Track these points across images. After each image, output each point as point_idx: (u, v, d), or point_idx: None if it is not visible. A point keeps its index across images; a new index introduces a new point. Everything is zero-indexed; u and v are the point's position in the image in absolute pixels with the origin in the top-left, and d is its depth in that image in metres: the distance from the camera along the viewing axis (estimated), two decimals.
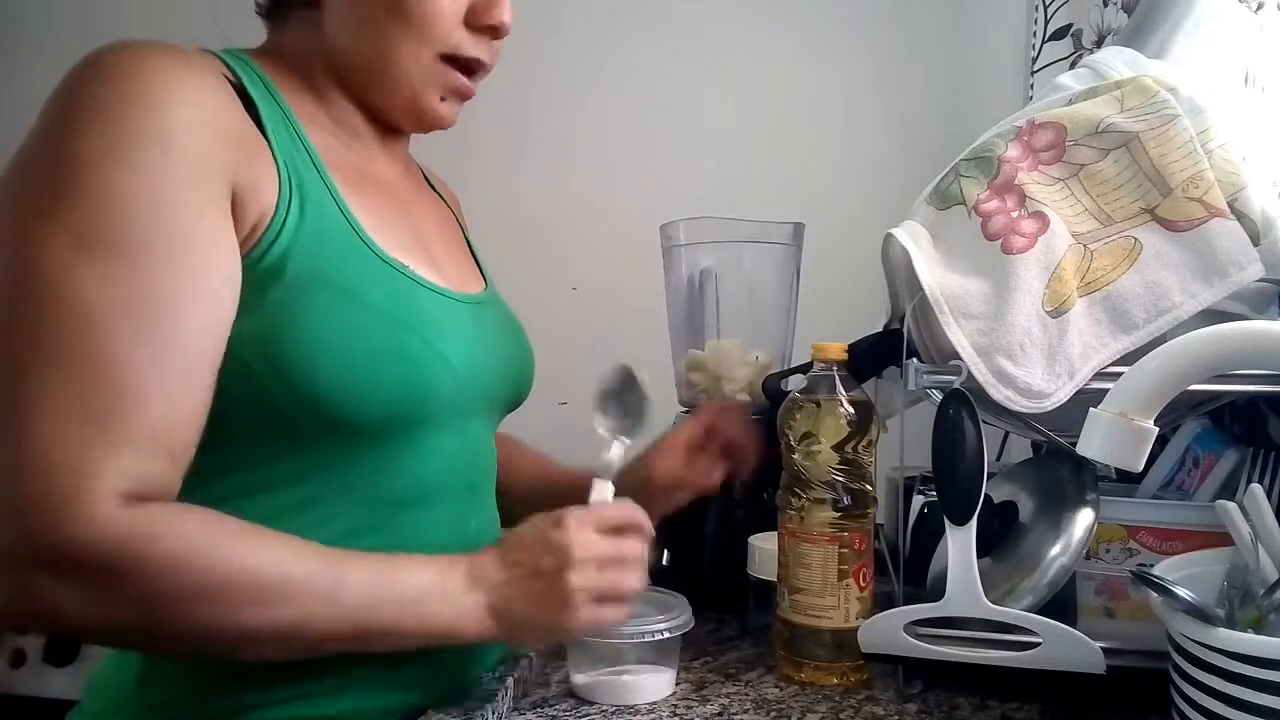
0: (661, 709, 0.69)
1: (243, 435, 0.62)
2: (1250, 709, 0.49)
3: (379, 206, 0.69)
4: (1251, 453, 0.76)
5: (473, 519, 0.72)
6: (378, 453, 0.65)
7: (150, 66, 0.58)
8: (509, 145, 1.50)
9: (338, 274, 0.62)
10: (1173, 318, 0.64)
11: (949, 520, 0.66)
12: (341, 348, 0.61)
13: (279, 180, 0.61)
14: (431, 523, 0.67)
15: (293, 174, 0.62)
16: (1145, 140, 0.69)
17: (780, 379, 0.91)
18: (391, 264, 0.65)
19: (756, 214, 1.00)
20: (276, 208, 0.61)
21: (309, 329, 0.60)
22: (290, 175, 0.62)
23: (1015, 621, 0.64)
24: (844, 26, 1.54)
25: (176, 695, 0.64)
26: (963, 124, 1.44)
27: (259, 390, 0.60)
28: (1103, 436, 0.55)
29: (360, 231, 0.64)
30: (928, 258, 0.71)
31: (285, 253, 0.60)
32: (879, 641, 0.69)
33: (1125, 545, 0.73)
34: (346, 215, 0.64)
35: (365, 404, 0.62)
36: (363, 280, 0.63)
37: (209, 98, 0.60)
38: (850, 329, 0.90)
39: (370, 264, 0.64)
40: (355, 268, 0.63)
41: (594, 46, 1.58)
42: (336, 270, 0.62)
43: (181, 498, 0.57)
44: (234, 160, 0.59)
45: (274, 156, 0.62)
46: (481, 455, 0.75)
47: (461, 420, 0.70)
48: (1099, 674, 0.63)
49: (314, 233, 0.62)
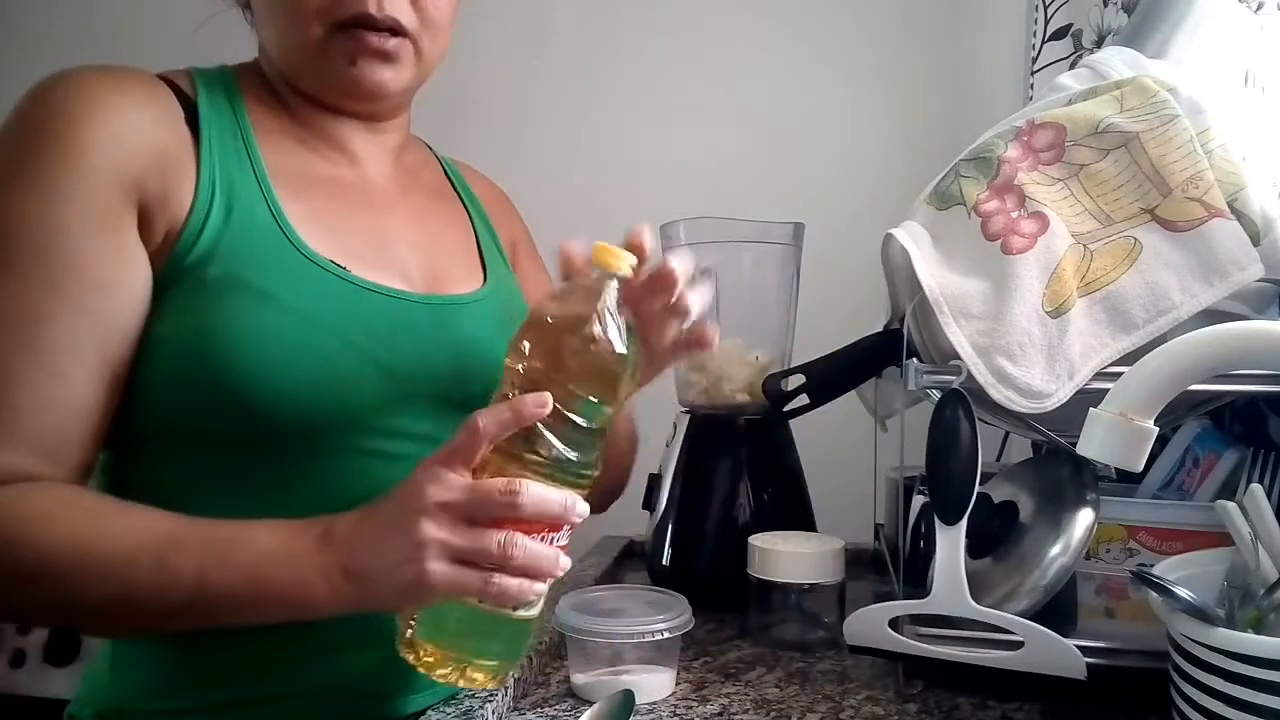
0: (661, 709, 0.69)
1: (176, 442, 0.65)
2: (1250, 709, 0.49)
3: (327, 210, 0.70)
4: (1251, 453, 0.76)
5: None
6: (316, 460, 0.65)
7: (76, 92, 0.62)
8: (509, 145, 1.50)
9: (258, 277, 0.63)
10: (1173, 318, 0.64)
11: (939, 519, 0.66)
12: (258, 350, 0.62)
13: (196, 189, 0.64)
14: None
15: (220, 182, 0.65)
16: (1145, 140, 0.69)
17: (780, 379, 0.92)
18: (321, 264, 0.66)
19: (756, 214, 1.00)
20: (191, 214, 0.63)
21: (227, 331, 0.62)
22: (216, 184, 0.65)
23: (997, 623, 0.64)
24: (844, 26, 1.54)
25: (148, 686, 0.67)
26: (963, 124, 1.44)
27: (183, 396, 0.63)
28: (1103, 436, 0.55)
29: (290, 233, 0.66)
30: (928, 258, 0.71)
31: (206, 255, 0.63)
32: (864, 635, 0.69)
33: (1125, 545, 0.73)
34: (279, 219, 0.66)
35: (286, 408, 0.63)
36: (284, 282, 0.64)
37: (126, 117, 0.63)
38: (850, 329, 0.90)
39: (295, 266, 0.65)
40: (277, 270, 0.64)
41: (594, 46, 1.58)
42: (257, 273, 0.63)
43: None
44: (141, 171, 0.62)
45: (197, 167, 0.65)
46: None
47: (409, 422, 0.68)
48: (1080, 679, 0.63)
49: (239, 236, 0.64)
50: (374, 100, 0.73)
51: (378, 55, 0.69)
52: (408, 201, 0.79)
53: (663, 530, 0.98)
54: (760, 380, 0.95)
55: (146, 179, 0.63)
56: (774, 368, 1.01)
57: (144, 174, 0.62)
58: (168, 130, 0.65)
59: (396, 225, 0.75)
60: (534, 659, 0.74)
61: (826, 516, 0.99)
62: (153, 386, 0.64)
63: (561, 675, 0.74)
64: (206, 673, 0.66)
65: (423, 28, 0.71)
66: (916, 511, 0.87)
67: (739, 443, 0.97)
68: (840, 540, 0.85)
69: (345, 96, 0.72)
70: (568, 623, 0.70)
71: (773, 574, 0.82)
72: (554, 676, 0.75)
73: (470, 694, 0.65)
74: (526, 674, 0.72)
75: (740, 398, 1.00)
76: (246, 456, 0.64)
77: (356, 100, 0.73)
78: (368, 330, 0.66)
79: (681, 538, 0.97)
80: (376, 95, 0.72)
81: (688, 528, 0.97)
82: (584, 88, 1.56)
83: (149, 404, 0.64)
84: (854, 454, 1.05)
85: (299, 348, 0.63)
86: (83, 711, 0.70)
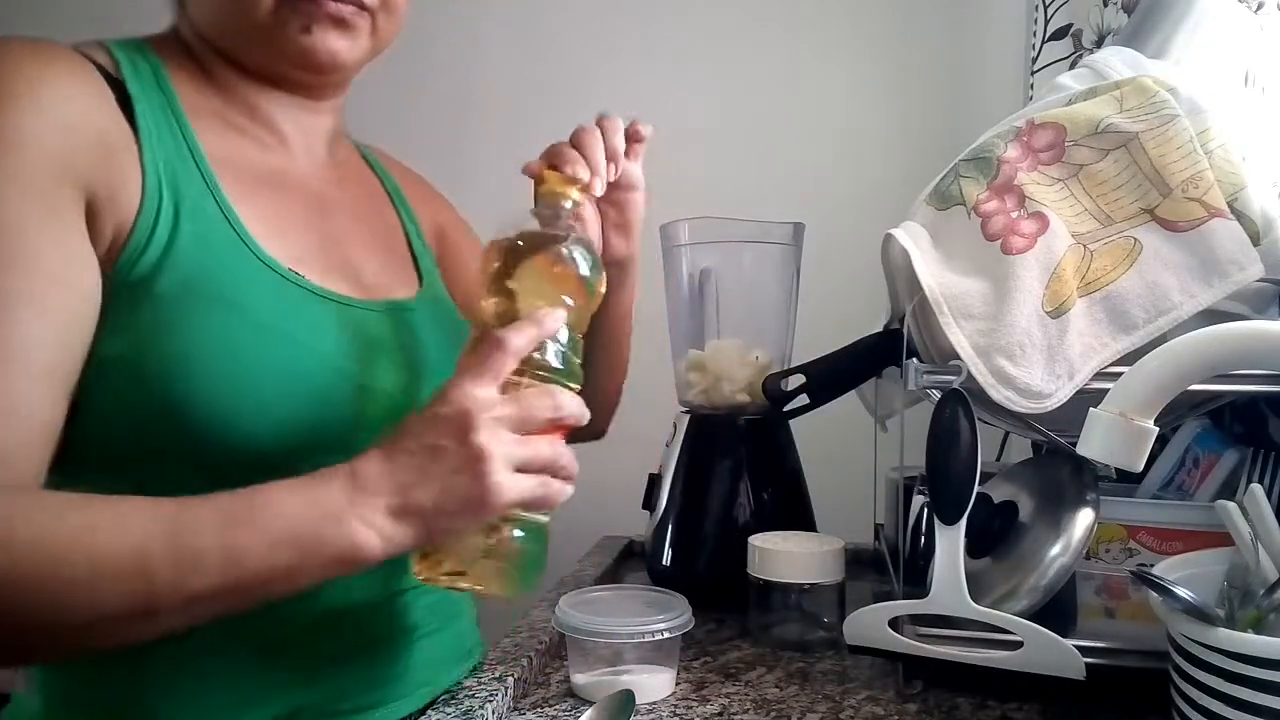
0: (661, 709, 0.69)
1: (131, 468, 0.58)
2: (1250, 709, 0.49)
3: (275, 209, 0.65)
4: (1251, 453, 0.76)
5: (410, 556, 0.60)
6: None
7: (4, 66, 0.56)
8: (509, 146, 1.50)
9: (217, 285, 0.58)
10: (1173, 318, 0.64)
11: (938, 519, 0.66)
12: (225, 366, 0.57)
13: (143, 186, 0.58)
14: None
15: (166, 177, 0.59)
16: (1145, 140, 0.69)
17: (780, 379, 0.92)
18: (281, 272, 0.62)
19: (756, 214, 1.00)
20: (140, 215, 0.57)
21: (186, 346, 0.56)
22: (162, 179, 0.59)
23: (996, 623, 0.64)
24: (844, 26, 1.54)
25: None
26: (963, 124, 1.44)
27: (136, 419, 0.57)
28: (1103, 436, 0.55)
29: (246, 238, 0.61)
30: (927, 258, 0.71)
31: (156, 264, 0.57)
32: (864, 635, 0.69)
33: (1125, 545, 0.73)
34: (231, 220, 0.61)
35: (258, 431, 0.58)
36: (248, 292, 0.59)
37: (65, 99, 0.56)
38: (850, 329, 0.90)
39: (257, 274, 0.60)
40: (238, 278, 0.59)
41: (595, 47, 1.58)
42: (216, 281, 0.58)
43: None
44: (88, 164, 0.56)
45: (141, 160, 0.58)
46: None
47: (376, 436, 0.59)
48: (1079, 679, 0.63)
49: (190, 240, 0.58)
50: (326, 72, 0.69)
51: (334, 22, 0.66)
52: (346, 198, 0.75)
53: (663, 530, 0.98)
54: (760, 380, 0.95)
55: (93, 172, 0.56)
56: (774, 368, 1.01)
57: (90, 166, 0.56)
58: (107, 116, 0.58)
59: (342, 226, 0.72)
60: (534, 659, 0.74)
61: (826, 516, 0.99)
62: (97, 411, 0.57)
63: (561, 675, 0.74)
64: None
65: (380, 3, 0.68)
66: (916, 511, 0.87)
67: (739, 443, 0.97)
68: (840, 540, 0.85)
69: (295, 67, 0.67)
70: (568, 623, 0.70)
71: (773, 574, 0.82)
72: (554, 676, 0.75)
73: (470, 694, 0.65)
74: (526, 674, 0.72)
75: (740, 398, 1.00)
76: (213, 484, 0.54)
77: (308, 71, 0.68)
78: (335, 342, 0.63)
79: (681, 538, 0.97)
80: (329, 66, 0.67)
81: (688, 528, 0.97)
82: (584, 87, 1.56)
83: (94, 428, 0.57)
84: (854, 454, 1.05)
85: (274, 366, 0.59)
86: None
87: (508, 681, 0.68)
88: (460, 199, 1.03)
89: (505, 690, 0.67)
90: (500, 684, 0.67)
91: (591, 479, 1.49)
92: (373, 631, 0.68)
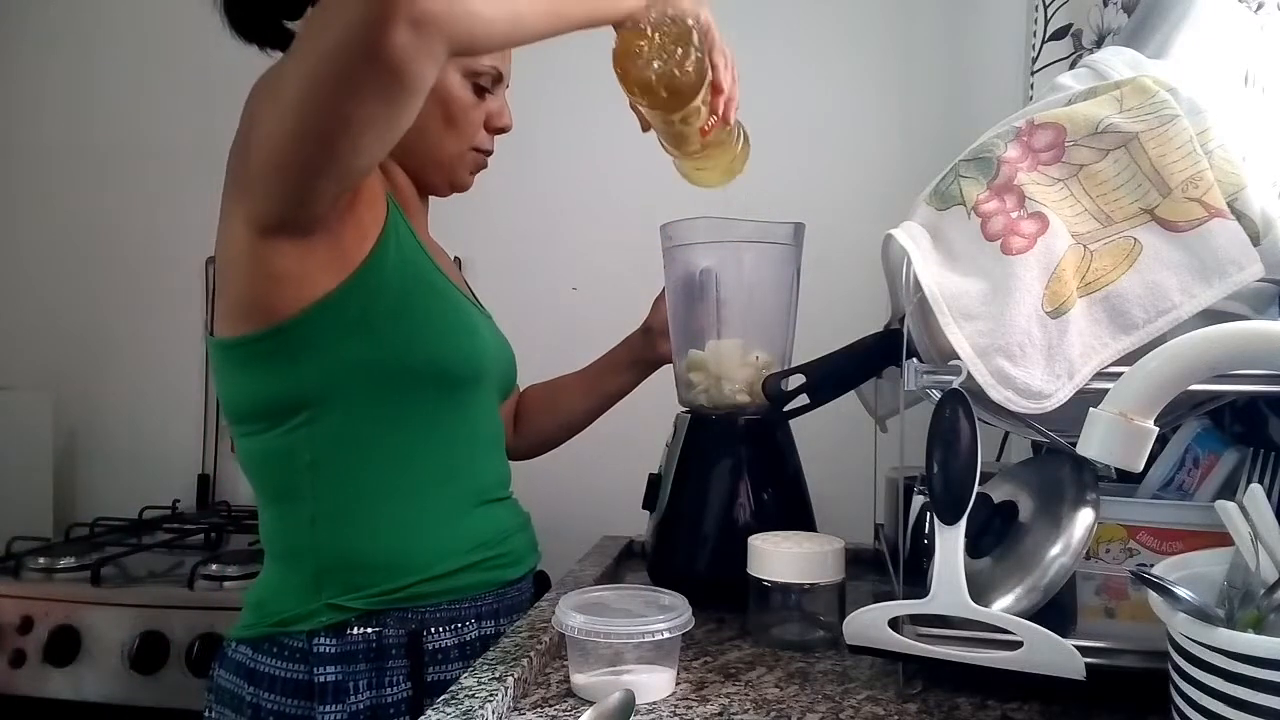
0: (661, 709, 0.69)
1: (361, 392, 0.85)
2: (1250, 709, 0.49)
3: (430, 246, 0.97)
4: (1251, 453, 0.76)
5: (502, 466, 0.99)
6: (454, 402, 0.90)
7: None
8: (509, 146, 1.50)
9: (430, 279, 0.91)
10: (1173, 318, 0.64)
11: (938, 520, 0.66)
12: (449, 319, 0.91)
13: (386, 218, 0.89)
14: (485, 462, 0.95)
15: (389, 215, 0.89)
16: (1145, 140, 0.69)
17: (780, 379, 0.92)
18: (450, 280, 0.95)
19: (756, 214, 1.00)
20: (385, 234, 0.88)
21: (424, 311, 0.88)
22: (390, 215, 0.89)
23: (997, 623, 0.64)
24: (845, 27, 1.54)
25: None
26: (963, 124, 1.44)
27: (381, 356, 0.84)
28: (1103, 436, 0.55)
29: (430, 258, 0.93)
30: (927, 258, 0.71)
31: (395, 263, 0.88)
32: (864, 635, 0.69)
33: (1125, 545, 0.73)
34: (422, 250, 0.92)
35: (450, 363, 0.89)
36: (443, 286, 0.93)
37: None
38: (850, 329, 0.91)
39: (440, 279, 0.93)
40: (435, 281, 0.92)
41: (595, 46, 1.58)
42: (428, 279, 0.91)
43: (308, 440, 0.84)
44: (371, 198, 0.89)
45: (387, 201, 0.90)
46: (499, 421, 1.01)
47: (491, 391, 0.97)
48: (1079, 679, 0.63)
49: (409, 252, 0.89)
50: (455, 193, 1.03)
51: (481, 169, 1.01)
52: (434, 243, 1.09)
53: (663, 530, 0.98)
54: (760, 380, 0.95)
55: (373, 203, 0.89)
56: (774, 368, 1.01)
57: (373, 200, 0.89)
58: None
59: (445, 261, 1.04)
60: (534, 659, 0.74)
61: (826, 516, 0.99)
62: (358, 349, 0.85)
63: (561, 675, 0.74)
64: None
65: None
66: (916, 511, 0.87)
67: (739, 443, 0.97)
68: (840, 540, 0.85)
69: (448, 190, 1.01)
70: (568, 623, 0.70)
71: (773, 574, 0.82)
72: (554, 676, 0.75)
73: (470, 694, 0.65)
74: (526, 674, 0.72)
75: (740, 398, 1.00)
76: (435, 400, 0.88)
77: (450, 193, 1.01)
78: (464, 310, 0.95)
79: (682, 538, 0.97)
80: (462, 192, 1.02)
81: (688, 528, 0.97)
82: (585, 88, 1.56)
83: (349, 362, 0.85)
84: (854, 454, 1.05)
85: (458, 320, 0.92)
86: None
87: (508, 681, 0.68)
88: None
89: (505, 690, 0.67)
90: (500, 684, 0.67)
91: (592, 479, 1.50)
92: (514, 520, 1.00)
